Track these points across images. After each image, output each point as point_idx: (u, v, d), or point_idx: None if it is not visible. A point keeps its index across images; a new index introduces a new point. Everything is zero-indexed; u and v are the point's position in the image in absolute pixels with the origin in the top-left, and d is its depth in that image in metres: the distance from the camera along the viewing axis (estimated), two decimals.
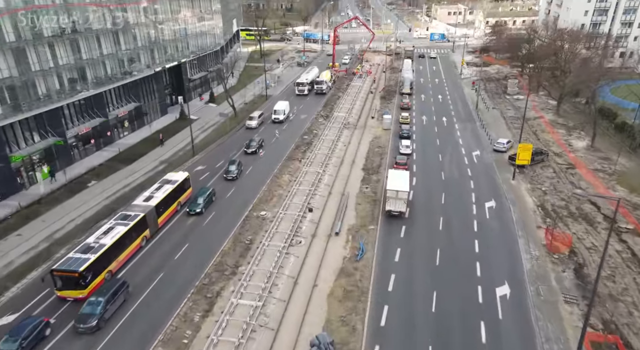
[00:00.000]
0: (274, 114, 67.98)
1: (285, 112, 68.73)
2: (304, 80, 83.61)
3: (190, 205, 42.30)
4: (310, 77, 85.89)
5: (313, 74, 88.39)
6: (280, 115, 68.04)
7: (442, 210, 43.08)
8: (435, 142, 60.43)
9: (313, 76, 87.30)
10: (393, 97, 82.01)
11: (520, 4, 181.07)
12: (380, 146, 59.52)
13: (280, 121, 67.73)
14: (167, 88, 72.56)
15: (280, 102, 70.99)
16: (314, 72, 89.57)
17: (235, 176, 49.14)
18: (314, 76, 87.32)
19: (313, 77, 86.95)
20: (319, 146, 59.27)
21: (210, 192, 44.17)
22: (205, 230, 40.05)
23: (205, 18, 78.66)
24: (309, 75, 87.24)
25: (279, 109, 68.51)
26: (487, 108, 73.78)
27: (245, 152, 55.93)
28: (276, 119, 67.89)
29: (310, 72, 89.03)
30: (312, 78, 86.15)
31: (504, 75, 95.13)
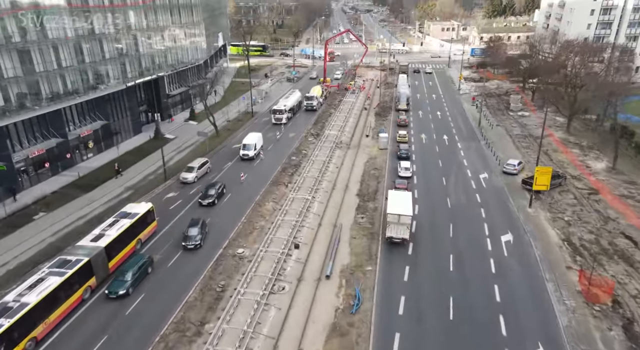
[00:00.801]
0: (242, 150, 54.68)
1: (256, 147, 55.45)
2: (281, 106, 69.88)
3: (111, 286, 30.26)
4: (290, 103, 72.24)
5: (294, 98, 74.79)
6: (250, 150, 54.58)
7: (452, 245, 36.68)
8: (437, 163, 54.41)
9: (294, 102, 73.98)
10: (389, 113, 76.42)
11: (514, 20, 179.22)
12: (377, 168, 53.37)
13: (250, 158, 54.42)
14: (142, 104, 66.26)
15: (251, 135, 56.91)
16: (295, 96, 75.83)
17: (198, 243, 35.68)
18: (295, 101, 74.58)
19: (294, 102, 73.77)
20: (308, 168, 52.99)
21: (145, 262, 32.40)
22: (168, 273, 33.21)
23: (186, 30, 72.99)
24: (289, 100, 73.29)
25: (249, 142, 55.13)
26: (490, 125, 68.26)
27: (200, 204, 42.80)
28: (245, 156, 54.45)
29: (291, 97, 74.93)
30: (292, 104, 72.93)
31: (505, 90, 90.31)
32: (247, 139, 56.12)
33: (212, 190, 43.91)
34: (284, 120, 68.82)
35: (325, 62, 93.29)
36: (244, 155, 54.52)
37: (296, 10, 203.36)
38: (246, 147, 55.19)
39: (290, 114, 71.35)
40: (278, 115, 69.42)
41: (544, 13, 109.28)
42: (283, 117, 68.91)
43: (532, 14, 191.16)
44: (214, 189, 44.09)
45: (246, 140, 56.01)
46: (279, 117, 69.23)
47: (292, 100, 73.93)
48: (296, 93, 77.85)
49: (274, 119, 69.25)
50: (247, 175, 50.91)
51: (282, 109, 69.59)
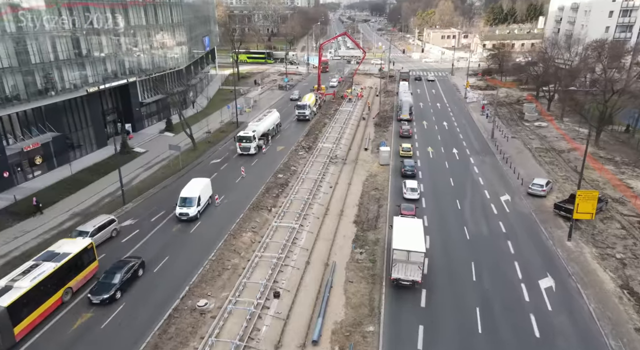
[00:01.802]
0: (178, 206, 37.16)
1: (200, 201, 37.91)
2: (250, 132, 53.31)
3: None
4: (263, 127, 56.75)
5: (269, 121, 59.52)
6: (190, 207, 37.00)
7: (476, 292, 28.45)
8: (448, 182, 46.36)
9: (268, 125, 58.74)
10: (389, 124, 68.61)
11: (517, 28, 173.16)
12: (378, 188, 45.27)
13: (189, 218, 37.13)
14: (109, 114, 58.23)
15: (193, 184, 39.42)
16: (271, 118, 60.64)
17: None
18: (270, 124, 59.68)
19: (268, 126, 58.61)
20: (297, 188, 44.86)
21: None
22: (104, 334, 24.81)
23: (164, 31, 65.29)
24: (262, 123, 56.93)
25: (189, 195, 37.58)
26: (505, 137, 60.42)
27: (90, 301, 27.23)
28: (183, 216, 36.97)
29: (265, 119, 59.10)
30: (266, 128, 57.69)
31: (516, 99, 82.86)
32: (187, 190, 38.15)
33: (113, 277, 27.63)
34: (252, 150, 53.16)
35: (319, 68, 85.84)
36: (181, 215, 36.78)
37: (292, 18, 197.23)
38: (186, 202, 37.10)
39: (264, 141, 56.62)
40: (245, 144, 52.92)
41: (554, 17, 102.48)
42: (251, 146, 53.10)
43: (535, 21, 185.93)
44: (116, 275, 27.72)
45: (186, 191, 38.08)
46: (245, 147, 53.16)
47: (266, 123, 58.30)
48: (273, 114, 62.20)
49: (240, 148, 53.24)
50: (223, 197, 42.75)
51: (250, 136, 53.10)
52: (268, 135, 58.80)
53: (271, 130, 60.39)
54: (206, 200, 39.83)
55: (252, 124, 57.17)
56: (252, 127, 55.74)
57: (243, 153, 53.60)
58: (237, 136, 54.22)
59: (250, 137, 53.46)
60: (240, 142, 53.64)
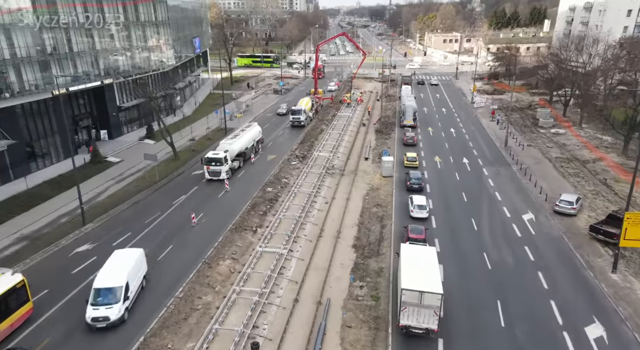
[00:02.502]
0: (90, 305, 23.61)
1: (127, 292, 24.49)
2: (221, 153, 43.79)
3: None
4: (238, 146, 46.59)
5: (247, 137, 49.21)
6: (110, 306, 23.64)
7: (507, 345, 22.53)
8: (460, 198, 40.55)
9: (245, 143, 48.47)
10: (392, 130, 62.95)
11: (521, 31, 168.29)
12: (380, 204, 39.47)
13: (111, 324, 23.48)
14: (81, 119, 52.56)
15: (117, 259, 26.53)
16: (250, 133, 50.51)
17: None
18: (248, 142, 49.26)
19: (245, 144, 48.36)
20: (288, 204, 39.08)
21: None
22: None
23: (146, 30, 59.79)
24: (237, 141, 46.88)
25: (109, 284, 24.28)
26: (520, 145, 54.72)
27: None
28: (99, 322, 23.34)
29: (243, 135, 48.94)
30: (242, 146, 47.57)
31: (527, 104, 77.32)
32: (107, 275, 24.87)
33: None
34: (223, 174, 43.00)
35: (315, 71, 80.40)
36: (97, 322, 23.28)
37: (290, 21, 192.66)
38: (104, 297, 23.78)
39: (239, 162, 46.93)
40: (214, 167, 42.97)
41: (564, 18, 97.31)
42: (221, 170, 42.97)
43: (539, 25, 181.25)
44: None
45: (104, 276, 24.78)
46: (215, 171, 43.07)
47: (243, 140, 48.05)
48: (252, 129, 52.20)
49: (208, 172, 43.29)
50: (202, 215, 36.94)
51: (221, 158, 42.91)
52: (245, 154, 48.76)
53: (249, 148, 49.91)
54: (138, 285, 25.96)
55: (225, 141, 46.88)
56: (225, 145, 45.61)
57: (212, 179, 43.29)
58: (204, 158, 43.70)
59: (221, 158, 43.00)
60: (208, 164, 43.13)
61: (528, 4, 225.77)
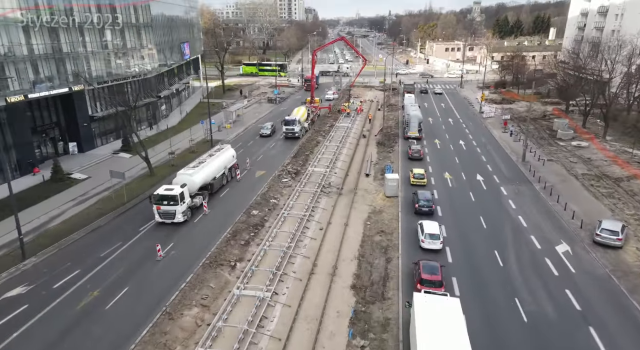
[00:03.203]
0: None
1: None
2: (176, 188, 33.36)
3: None
4: (202, 177, 36.58)
5: (215, 165, 39.37)
6: None
7: None
8: (478, 224, 34.50)
9: (213, 172, 38.76)
10: (394, 142, 57.12)
11: (525, 39, 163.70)
12: (384, 231, 33.41)
13: None
14: (45, 130, 46.74)
15: None
16: (220, 160, 40.49)
17: None
18: (216, 171, 39.30)
19: (212, 173, 38.61)
20: (275, 232, 33.00)
21: None
22: None
23: (123, 32, 54.25)
24: (200, 171, 36.74)
25: None
26: (539, 160, 48.85)
27: None
28: None
29: (210, 162, 38.68)
30: (207, 177, 37.55)
31: (541, 113, 71.64)
32: None
33: None
34: (179, 215, 33.06)
35: (312, 78, 74.88)
36: None
37: (288, 30, 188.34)
38: None
39: (203, 197, 36.82)
40: (167, 207, 32.82)
41: (575, 24, 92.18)
42: (176, 210, 32.88)
43: (543, 34, 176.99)
44: None
45: None
46: (167, 212, 32.94)
47: (210, 168, 38.24)
48: (224, 153, 41.91)
49: (159, 214, 33.21)
50: (171, 245, 30.88)
51: (175, 195, 32.58)
52: (212, 186, 39.00)
53: (218, 178, 39.88)
54: None
55: (184, 172, 36.12)
56: (183, 177, 35.25)
57: (165, 222, 33.25)
58: (153, 195, 33.17)
59: (176, 196, 32.52)
60: (159, 204, 32.79)
61: (530, 13, 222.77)
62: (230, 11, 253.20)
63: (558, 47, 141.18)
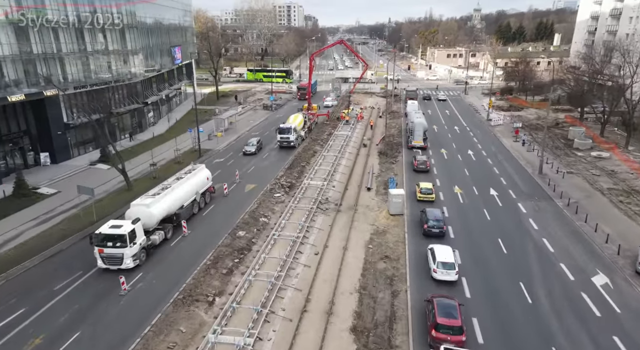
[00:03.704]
0: None
1: None
2: (125, 226, 26.62)
3: None
4: (161, 209, 29.72)
5: (182, 191, 32.63)
6: None
7: None
8: (497, 247, 29.96)
9: (179, 199, 32.03)
10: (398, 152, 52.75)
11: (530, 45, 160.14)
12: (389, 257, 28.89)
13: None
14: (11, 139, 42.34)
15: None
16: (190, 184, 33.93)
17: None
18: (184, 198, 32.63)
19: (174, 204, 31.33)
20: (263, 258, 28.56)
21: None
22: None
23: (103, 32, 50.10)
24: (162, 199, 30.08)
25: None
26: (557, 172, 44.43)
27: None
28: None
29: (176, 188, 32.08)
30: (168, 208, 30.53)
31: (553, 121, 67.31)
32: None
33: None
34: (127, 261, 26.14)
35: (309, 84, 70.70)
36: None
37: (287, 36, 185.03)
38: None
39: (165, 232, 30.12)
40: (111, 250, 26.03)
41: (585, 28, 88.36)
42: (123, 253, 26.02)
43: (547, 40, 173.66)
44: None
45: None
46: (112, 256, 26.13)
47: (172, 197, 31.17)
48: (197, 175, 35.38)
49: (102, 259, 26.32)
50: (140, 275, 26.36)
51: (123, 235, 25.91)
52: (179, 216, 31.50)
53: (187, 207, 32.96)
54: None
55: (140, 202, 29.20)
56: (139, 209, 28.26)
57: (109, 268, 26.32)
58: (94, 234, 26.26)
59: (124, 235, 25.76)
60: (101, 246, 25.92)
61: (532, 20, 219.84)
62: (229, 17, 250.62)
63: (563, 53, 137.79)
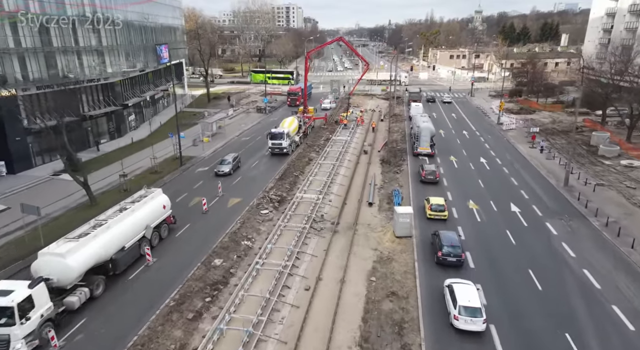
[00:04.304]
0: None
1: None
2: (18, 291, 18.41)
3: None
4: (86, 257, 21.93)
5: (121, 230, 24.70)
6: None
7: None
8: (531, 284, 24.34)
9: (112, 243, 23.83)
10: (402, 160, 47.29)
11: (536, 46, 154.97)
12: (396, 294, 23.37)
13: None
14: None
15: None
16: (137, 217, 26.35)
17: None
18: (120, 241, 24.48)
19: (110, 247, 23.71)
20: (242, 296, 23.00)
21: None
22: None
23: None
24: (85, 247, 22.10)
25: None
26: (586, 184, 38.92)
27: None
28: None
29: (109, 229, 24.13)
30: (96, 254, 22.65)
31: (569, 125, 61.89)
32: None
33: None
34: (17, 345, 17.63)
35: (305, 84, 65.29)
36: None
37: (285, 36, 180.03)
38: None
39: (86, 292, 21.78)
40: None
41: (600, 26, 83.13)
42: (9, 335, 17.77)
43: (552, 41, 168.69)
44: None
45: None
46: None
47: (111, 235, 23.95)
48: (149, 203, 28.26)
49: None
50: (82, 323, 20.82)
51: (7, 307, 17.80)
52: (116, 264, 24.01)
53: (130, 248, 25.26)
54: None
55: (52, 250, 21.60)
56: (48, 262, 20.95)
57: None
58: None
59: (10, 309, 17.89)
60: None
61: (536, 21, 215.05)
62: (227, 19, 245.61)
63: (571, 54, 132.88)
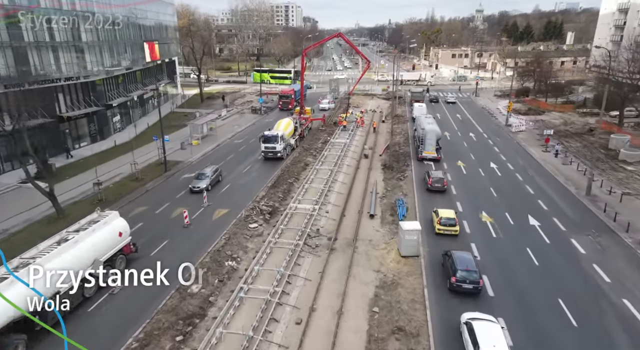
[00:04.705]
0: None
1: None
2: None
3: None
4: None
5: (49, 275, 16.02)
6: None
7: None
8: (563, 318, 20.60)
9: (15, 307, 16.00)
10: (406, 165, 43.55)
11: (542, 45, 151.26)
12: (403, 330, 19.67)
13: None
14: None
15: None
16: (81, 250, 21.08)
17: None
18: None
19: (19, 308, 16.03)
20: (219, 332, 19.24)
21: None
22: None
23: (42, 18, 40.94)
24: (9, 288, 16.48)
25: None
26: (610, 193, 35.21)
27: None
28: None
29: (41, 266, 16.72)
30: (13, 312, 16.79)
31: (583, 126, 58.28)
32: None
33: None
34: None
35: (302, 83, 61.59)
36: None
37: (284, 35, 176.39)
38: None
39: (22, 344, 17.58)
40: None
41: (611, 23, 79.48)
42: None
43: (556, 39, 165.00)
44: None
45: None
46: None
47: (44, 276, 16.21)
48: (101, 231, 22.93)
49: None
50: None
51: None
52: (45, 316, 16.89)
53: (71, 293, 19.14)
54: None
55: None
56: None
57: None
58: None
59: None
60: None
61: (539, 19, 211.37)
62: (225, 18, 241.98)
63: (577, 53, 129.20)
